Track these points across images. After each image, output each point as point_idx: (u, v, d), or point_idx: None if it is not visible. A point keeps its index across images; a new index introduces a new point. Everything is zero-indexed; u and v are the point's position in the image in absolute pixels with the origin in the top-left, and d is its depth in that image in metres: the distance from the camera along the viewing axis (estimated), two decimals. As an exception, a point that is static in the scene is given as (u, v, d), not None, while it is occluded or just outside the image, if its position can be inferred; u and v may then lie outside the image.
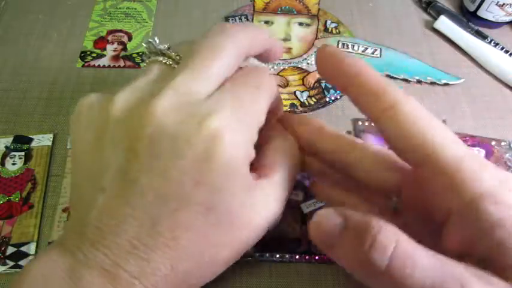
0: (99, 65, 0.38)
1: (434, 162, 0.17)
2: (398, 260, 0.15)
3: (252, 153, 0.19)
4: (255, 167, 0.20)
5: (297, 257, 0.27)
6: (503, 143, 0.33)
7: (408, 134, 0.18)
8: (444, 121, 0.34)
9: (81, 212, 0.19)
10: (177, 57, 0.20)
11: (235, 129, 0.18)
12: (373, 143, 0.23)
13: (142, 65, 0.38)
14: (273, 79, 0.22)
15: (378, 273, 0.16)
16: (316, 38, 0.40)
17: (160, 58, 0.20)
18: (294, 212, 0.29)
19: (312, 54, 0.39)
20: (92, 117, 0.19)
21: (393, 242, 0.16)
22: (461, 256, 0.17)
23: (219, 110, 0.18)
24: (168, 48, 0.21)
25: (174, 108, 0.17)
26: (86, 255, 0.17)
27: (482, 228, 0.16)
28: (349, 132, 0.33)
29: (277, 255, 0.27)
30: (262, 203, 0.19)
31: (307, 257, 0.28)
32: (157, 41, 0.21)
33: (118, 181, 0.17)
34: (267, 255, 0.28)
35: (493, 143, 0.33)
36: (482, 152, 0.32)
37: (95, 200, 0.18)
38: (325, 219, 0.18)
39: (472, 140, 0.33)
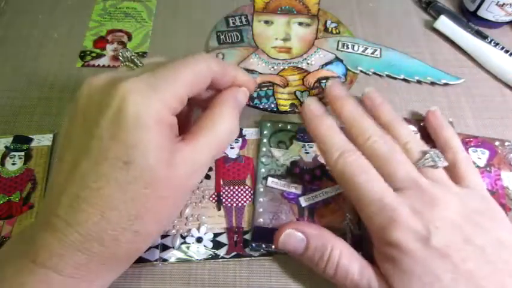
0: (99, 65, 0.38)
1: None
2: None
3: (168, 118, 0.22)
4: (187, 132, 0.23)
5: None
6: (506, 143, 0.33)
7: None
8: (451, 123, 0.34)
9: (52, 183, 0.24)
10: (141, 64, 0.25)
11: (143, 91, 0.21)
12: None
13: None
14: (207, 59, 0.24)
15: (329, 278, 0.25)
16: (316, 38, 0.40)
17: (127, 63, 0.25)
18: (292, 205, 0.29)
19: (312, 54, 0.39)
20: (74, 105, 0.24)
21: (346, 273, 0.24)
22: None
23: (131, 76, 0.21)
24: (136, 57, 0.25)
25: (103, 82, 0.22)
26: (44, 218, 0.21)
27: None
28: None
29: (273, 246, 0.27)
30: (181, 165, 0.21)
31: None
32: (130, 52, 0.25)
33: (66, 146, 0.22)
34: (264, 245, 0.28)
35: (497, 143, 0.33)
36: (486, 152, 0.32)
37: (58, 168, 0.22)
38: (291, 236, 0.25)
39: (476, 141, 0.33)
